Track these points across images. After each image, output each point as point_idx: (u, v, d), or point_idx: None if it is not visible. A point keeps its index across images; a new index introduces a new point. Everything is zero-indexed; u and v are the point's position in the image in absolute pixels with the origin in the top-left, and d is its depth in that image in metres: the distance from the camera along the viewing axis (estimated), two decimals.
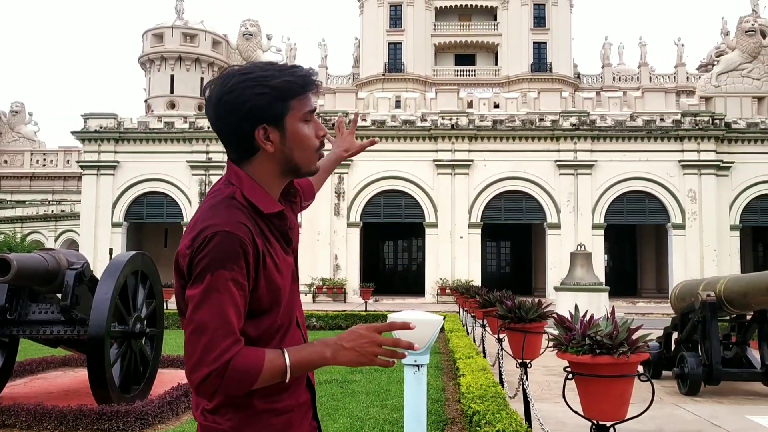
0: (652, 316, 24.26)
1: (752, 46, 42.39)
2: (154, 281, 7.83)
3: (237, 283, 1.62)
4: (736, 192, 33.43)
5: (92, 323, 6.57)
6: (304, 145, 1.77)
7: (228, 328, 1.60)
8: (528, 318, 5.40)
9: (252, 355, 1.60)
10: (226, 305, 1.61)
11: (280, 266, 1.73)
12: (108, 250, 31.44)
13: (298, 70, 1.77)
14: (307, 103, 1.76)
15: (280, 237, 1.77)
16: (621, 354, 3.07)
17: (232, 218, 1.68)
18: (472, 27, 51.75)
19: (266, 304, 1.70)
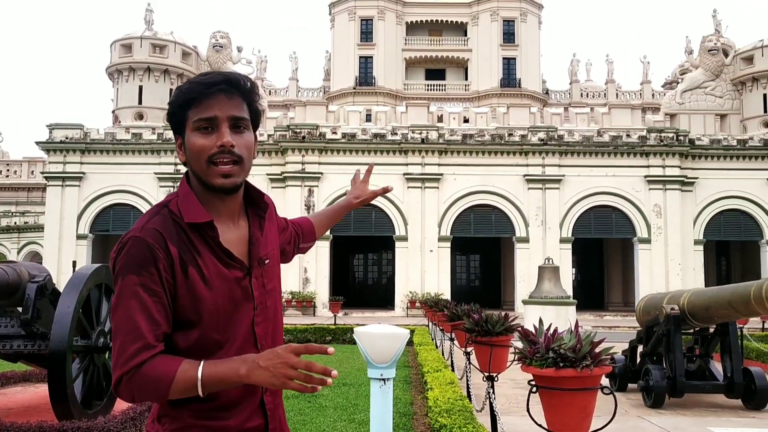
0: (618, 329, 24.56)
1: (715, 64, 43.41)
2: None
3: (147, 288, 1.61)
4: (699, 207, 34.10)
5: (53, 337, 6.43)
6: (194, 156, 1.70)
7: (136, 333, 1.59)
8: (495, 331, 5.43)
9: (165, 364, 1.58)
10: (134, 310, 1.60)
11: (209, 278, 1.68)
12: (71, 263, 30.87)
13: (204, 77, 1.72)
14: (204, 110, 1.68)
15: (215, 248, 1.71)
16: (584, 367, 3.10)
17: (147, 224, 1.68)
18: (442, 42, 52.22)
19: (192, 316, 1.67)
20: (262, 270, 1.80)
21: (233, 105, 1.70)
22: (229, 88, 1.70)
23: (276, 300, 1.84)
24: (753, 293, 7.39)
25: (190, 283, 1.66)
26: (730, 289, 8.09)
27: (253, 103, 1.77)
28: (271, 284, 1.83)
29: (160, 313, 1.63)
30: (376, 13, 51.06)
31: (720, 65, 43.46)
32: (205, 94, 1.67)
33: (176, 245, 1.66)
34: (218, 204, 1.75)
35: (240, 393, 1.71)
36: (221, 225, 1.75)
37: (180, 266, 1.66)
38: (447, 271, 33.69)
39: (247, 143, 1.74)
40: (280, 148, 34.08)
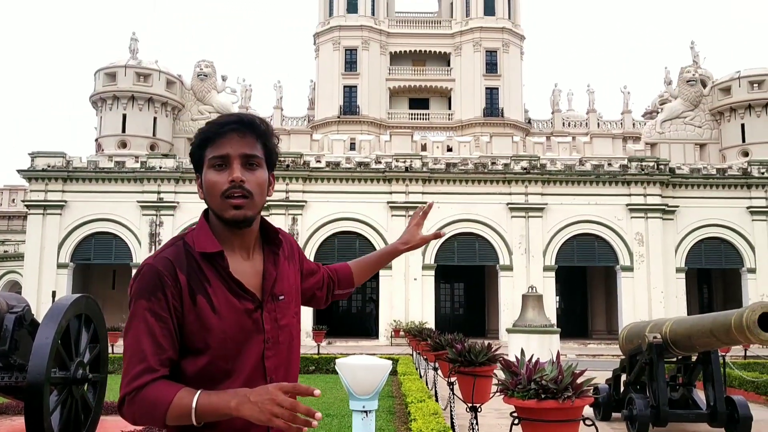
0: (602, 358, 24.56)
1: (693, 95, 44.17)
2: (99, 325, 7.59)
3: (154, 313, 1.70)
4: (681, 235, 34.42)
5: (31, 369, 6.31)
6: (210, 191, 1.80)
7: (140, 356, 1.67)
8: (478, 362, 5.42)
9: (165, 389, 1.64)
10: (141, 334, 1.69)
11: (218, 307, 1.74)
12: (51, 293, 30.46)
13: (220, 117, 1.82)
14: (218, 148, 1.78)
15: (226, 278, 1.78)
16: (566, 399, 3.10)
17: (161, 254, 1.79)
18: (426, 72, 52.75)
19: (200, 343, 1.73)
20: (276, 305, 1.85)
21: (245, 143, 1.80)
22: (242, 128, 1.80)
23: (291, 336, 1.89)
24: (734, 322, 7.44)
25: (199, 311, 1.73)
26: (711, 318, 8.14)
27: (268, 143, 1.86)
28: (285, 320, 1.88)
29: (166, 338, 1.70)
30: (360, 43, 51.57)
31: (698, 96, 44.22)
32: (219, 134, 1.79)
33: (185, 273, 1.74)
34: (233, 238, 1.83)
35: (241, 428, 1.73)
36: (235, 258, 1.82)
37: (188, 293, 1.73)
38: (431, 300, 33.63)
39: (259, 180, 1.82)
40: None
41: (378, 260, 2.40)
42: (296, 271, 2.02)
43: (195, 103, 44.73)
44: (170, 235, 33.79)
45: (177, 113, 44.39)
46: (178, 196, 34.24)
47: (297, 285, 2.00)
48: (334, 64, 51.76)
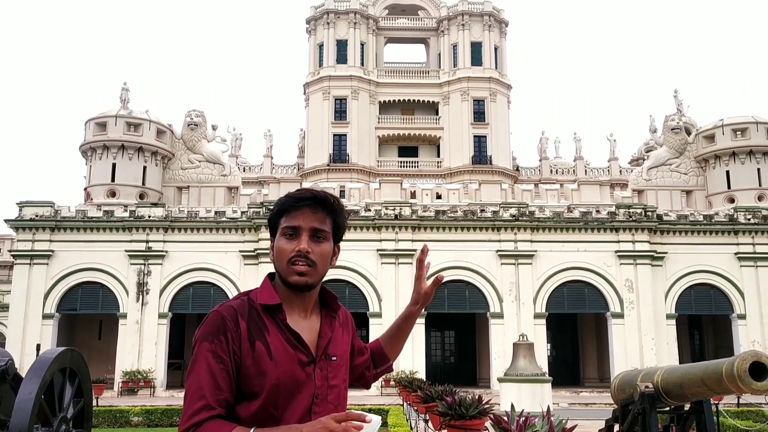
0: (595, 406, 24.33)
1: (678, 142, 44.84)
2: (84, 378, 7.44)
3: (216, 355, 1.85)
4: (670, 281, 34.50)
5: (13, 425, 6.15)
6: (279, 256, 1.99)
7: (200, 393, 1.81)
8: (468, 415, 5.35)
9: (221, 427, 1.78)
10: (202, 373, 1.83)
11: (274, 354, 1.89)
12: (36, 346, 29.99)
13: (298, 192, 2.05)
14: (291, 219, 2.00)
15: (284, 329, 1.95)
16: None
17: (226, 303, 1.97)
18: (414, 120, 53.40)
19: (256, 387, 1.87)
20: (328, 364, 2.02)
21: (316, 218, 2.02)
22: (314, 204, 2.02)
23: (339, 399, 2.03)
24: (725, 371, 7.37)
25: (257, 356, 1.89)
26: (702, 367, 8.07)
27: (338, 219, 2.10)
28: (336, 381, 2.03)
29: (224, 380, 1.85)
30: (349, 92, 52.27)
31: (683, 143, 44.89)
32: (294, 207, 2.00)
33: (246, 321, 1.93)
34: (294, 298, 2.02)
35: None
36: (293, 315, 2.01)
37: (248, 339, 1.90)
38: (422, 348, 33.35)
39: (323, 252, 2.03)
40: (254, 225, 34.03)
41: (398, 328, 2.43)
42: (349, 342, 2.19)
43: (185, 152, 44.91)
44: (158, 284, 33.56)
45: (167, 162, 44.52)
46: (166, 245, 34.09)
47: (348, 353, 2.16)
48: (324, 112, 52.35)
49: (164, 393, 32.10)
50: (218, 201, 42.66)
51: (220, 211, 35.17)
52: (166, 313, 33.56)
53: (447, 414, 5.45)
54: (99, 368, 32.46)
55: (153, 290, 33.59)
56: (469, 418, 5.35)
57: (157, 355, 33.07)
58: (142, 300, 33.53)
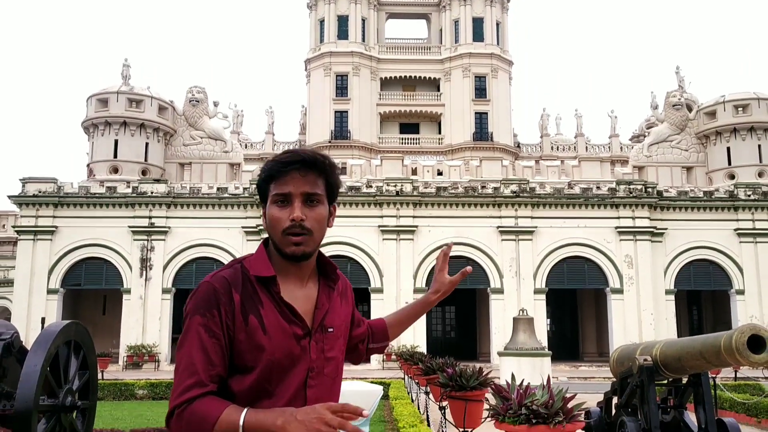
0: (594, 380, 24.53)
1: (679, 119, 44.65)
2: (88, 351, 7.55)
3: (208, 329, 1.77)
4: (670, 257, 34.60)
5: (19, 397, 6.26)
6: (271, 225, 1.90)
7: (192, 369, 1.74)
8: (469, 386, 5.44)
9: (213, 404, 1.70)
10: (193, 348, 1.76)
11: (268, 328, 1.81)
12: (40, 319, 30.22)
13: (284, 155, 1.91)
14: (281, 186, 1.88)
15: (278, 302, 1.86)
16: (557, 423, 3.12)
17: (218, 273, 1.87)
18: (416, 97, 53.15)
19: (249, 362, 1.79)
20: (324, 336, 1.93)
21: (307, 182, 1.90)
22: (303, 167, 1.89)
23: (336, 371, 1.96)
24: (723, 344, 7.45)
25: (250, 330, 1.80)
26: (700, 340, 8.15)
27: (330, 179, 1.96)
28: (332, 353, 1.95)
29: (217, 354, 1.77)
30: (351, 69, 51.97)
31: (684, 120, 44.70)
32: (282, 172, 1.88)
33: (240, 293, 1.83)
34: (289, 267, 1.92)
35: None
36: (289, 285, 1.91)
37: (241, 312, 1.80)
38: (423, 323, 33.56)
39: (318, 216, 1.92)
40: (256, 201, 34.06)
41: (413, 312, 2.38)
42: (348, 312, 2.11)
43: (187, 129, 44.81)
44: (162, 260, 33.71)
45: (169, 138, 44.45)
46: (169, 221, 34.18)
47: (347, 324, 2.08)
48: (325, 89, 52.10)
49: (168, 367, 32.38)
50: (220, 177, 42.66)
51: (222, 188, 35.19)
52: (169, 289, 33.76)
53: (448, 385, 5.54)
54: (104, 343, 32.74)
55: (156, 266, 33.75)
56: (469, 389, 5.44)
57: (161, 329, 33.33)
58: (145, 275, 33.71)
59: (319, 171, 1.93)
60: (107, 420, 11.97)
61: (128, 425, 10.80)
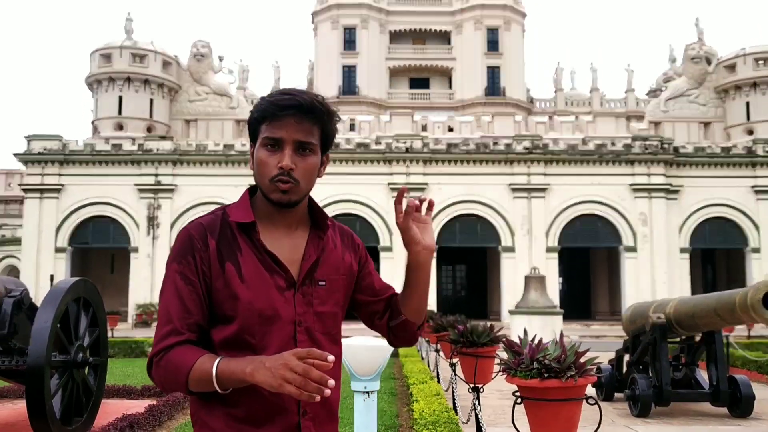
0: (605, 339, 24.57)
1: (698, 72, 43.84)
2: (98, 308, 7.56)
3: (184, 276, 1.72)
4: (685, 215, 34.32)
5: (31, 353, 6.28)
6: (259, 170, 1.79)
7: (167, 318, 1.71)
8: (480, 342, 5.36)
9: (188, 353, 1.66)
10: (170, 296, 1.72)
11: (246, 276, 1.73)
12: (49, 277, 30.50)
13: (280, 97, 1.77)
14: (273, 129, 1.76)
15: (258, 249, 1.77)
16: (569, 378, 3.05)
17: (197, 220, 1.81)
18: (426, 51, 52.38)
19: (228, 311, 1.73)
20: (313, 290, 1.82)
21: (301, 129, 1.77)
22: (300, 114, 1.76)
23: (328, 327, 1.84)
24: (738, 301, 7.38)
25: (227, 278, 1.73)
26: (715, 298, 8.08)
27: (326, 127, 1.83)
28: (323, 308, 1.83)
29: (194, 303, 1.72)
30: (359, 21, 51.15)
31: (703, 73, 43.91)
32: (276, 115, 1.76)
33: (216, 239, 1.76)
34: (275, 214, 1.83)
35: (267, 409, 1.71)
36: (275, 233, 1.82)
37: (217, 259, 1.74)
38: (433, 282, 33.61)
39: (309, 167, 1.81)
40: None
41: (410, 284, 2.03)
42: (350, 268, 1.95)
43: (192, 84, 44.47)
44: (169, 218, 33.79)
45: (174, 95, 44.15)
46: (176, 179, 34.15)
47: (349, 279, 1.95)
48: (333, 43, 51.42)
49: None
50: (226, 134, 42.48)
51: (228, 145, 35.03)
52: None
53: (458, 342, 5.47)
54: (112, 301, 33.07)
55: (164, 224, 33.83)
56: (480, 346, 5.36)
57: None
58: (152, 234, 33.83)
59: (316, 118, 1.79)
60: (119, 376, 12.08)
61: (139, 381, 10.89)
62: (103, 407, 7.76)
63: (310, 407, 1.74)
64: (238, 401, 1.70)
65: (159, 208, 33.87)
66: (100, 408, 7.45)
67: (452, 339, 5.69)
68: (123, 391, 9.66)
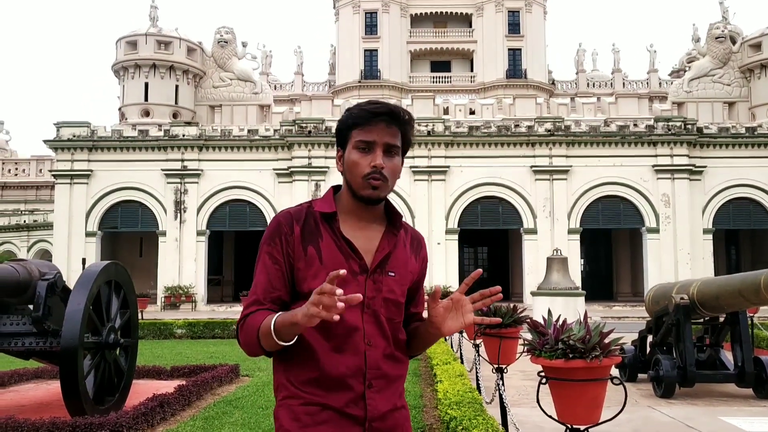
0: (627, 320, 24.52)
1: (722, 52, 43.11)
2: (128, 291, 7.74)
3: (271, 256, 1.98)
4: (708, 196, 33.92)
5: (65, 334, 6.47)
6: (351, 169, 2.01)
7: (255, 290, 1.97)
8: (504, 323, 5.42)
9: (261, 315, 1.89)
10: (259, 272, 1.99)
11: (325, 260, 1.95)
12: (81, 260, 31.01)
13: (372, 106, 2.02)
14: (365, 133, 1.99)
15: (338, 237, 1.99)
16: (593, 358, 3.08)
17: (286, 209, 2.06)
18: (447, 34, 52.03)
19: (306, 289, 1.92)
20: (383, 278, 2.01)
21: (390, 134, 2.01)
22: (390, 119, 2.01)
23: (392, 313, 2.02)
24: (763, 281, 7.36)
25: (308, 259, 1.96)
26: (739, 278, 8.05)
27: (407, 134, 2.08)
28: (391, 296, 2.01)
29: (278, 279, 1.97)
30: (380, 6, 50.93)
31: (727, 53, 43.16)
32: (370, 121, 2.00)
33: (301, 226, 2.00)
34: (358, 210, 2.05)
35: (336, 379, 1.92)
36: (353, 224, 2.04)
37: (301, 243, 1.97)
38: (455, 264, 33.67)
39: (395, 167, 2.04)
40: (287, 143, 34.08)
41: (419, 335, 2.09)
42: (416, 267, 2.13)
43: (216, 70, 44.68)
44: (195, 203, 34.13)
45: (198, 81, 44.41)
46: (201, 164, 34.44)
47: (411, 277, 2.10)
48: (354, 27, 51.27)
49: (205, 307, 33.19)
50: (250, 119, 42.70)
51: (252, 130, 35.21)
52: (204, 231, 34.27)
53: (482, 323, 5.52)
54: (141, 284, 33.57)
55: (190, 208, 34.19)
56: (504, 327, 5.42)
57: (197, 271, 33.99)
58: (180, 218, 34.22)
59: (400, 124, 2.03)
60: (148, 357, 12.32)
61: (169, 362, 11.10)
62: (134, 387, 7.94)
63: (375, 381, 1.94)
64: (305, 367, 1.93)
65: (185, 193, 34.21)
66: (131, 388, 7.64)
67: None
68: (153, 371, 9.81)
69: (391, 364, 1.99)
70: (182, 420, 6.96)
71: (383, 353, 1.97)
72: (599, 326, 3.24)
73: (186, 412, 7.37)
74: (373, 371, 1.94)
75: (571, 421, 3.16)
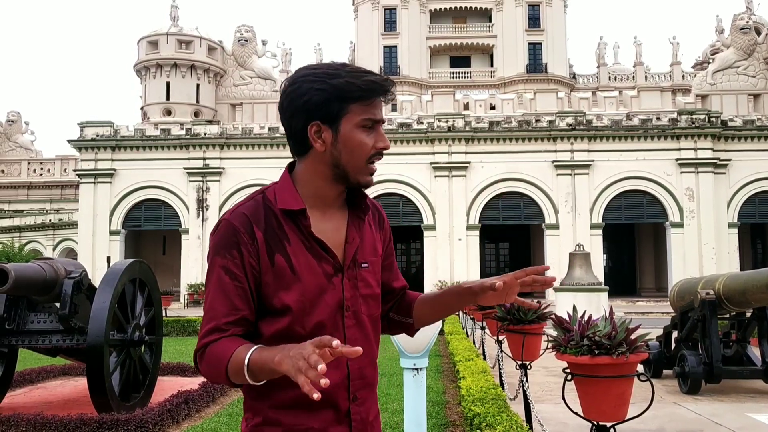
0: (651, 315, 24.26)
1: (747, 43, 42.48)
2: (153, 289, 7.81)
3: (228, 271, 1.62)
4: (733, 190, 33.47)
5: (91, 332, 6.55)
6: (354, 151, 1.67)
7: (210, 315, 1.62)
8: (527, 319, 5.38)
9: (228, 345, 1.56)
10: (214, 291, 1.62)
11: (297, 267, 1.64)
12: (106, 259, 31.39)
13: (367, 75, 1.68)
14: (370, 110, 1.67)
15: (307, 238, 1.68)
16: (620, 354, 3.06)
17: (238, 209, 1.68)
18: (466, 29, 51.82)
19: (277, 304, 1.64)
20: (357, 273, 1.74)
21: (382, 109, 1.73)
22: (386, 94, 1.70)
23: (372, 308, 1.77)
24: None
25: (277, 271, 1.64)
26: (766, 272, 7.93)
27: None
28: (368, 291, 1.76)
29: (240, 297, 1.62)
30: (399, 1, 50.84)
31: (752, 44, 42.51)
32: (377, 96, 1.68)
33: (263, 230, 1.65)
34: (326, 197, 1.74)
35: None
36: (316, 215, 1.72)
37: (266, 252, 1.64)
38: (476, 260, 33.57)
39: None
40: None
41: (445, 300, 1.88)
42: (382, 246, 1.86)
43: (236, 69, 44.93)
44: (217, 201, 34.37)
45: (219, 79, 44.68)
46: (223, 162, 34.67)
47: (379, 256, 1.84)
48: (374, 24, 51.23)
49: None
50: (271, 117, 42.86)
51: (273, 127, 35.37)
52: None
53: (505, 319, 5.49)
54: (164, 282, 33.88)
55: (212, 206, 34.45)
56: (527, 323, 5.38)
57: None
58: (202, 216, 34.49)
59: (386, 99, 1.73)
60: (173, 354, 12.43)
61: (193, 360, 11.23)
62: (159, 384, 8.02)
63: (359, 393, 1.69)
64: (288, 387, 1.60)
65: (208, 191, 34.47)
66: (156, 385, 7.72)
67: (499, 316, 5.72)
68: (177, 368, 9.90)
69: (372, 369, 1.75)
70: (207, 416, 7.02)
71: (368, 359, 1.72)
72: (625, 322, 3.21)
73: (210, 409, 7.44)
74: (356, 382, 1.69)
75: (598, 418, 3.13)
